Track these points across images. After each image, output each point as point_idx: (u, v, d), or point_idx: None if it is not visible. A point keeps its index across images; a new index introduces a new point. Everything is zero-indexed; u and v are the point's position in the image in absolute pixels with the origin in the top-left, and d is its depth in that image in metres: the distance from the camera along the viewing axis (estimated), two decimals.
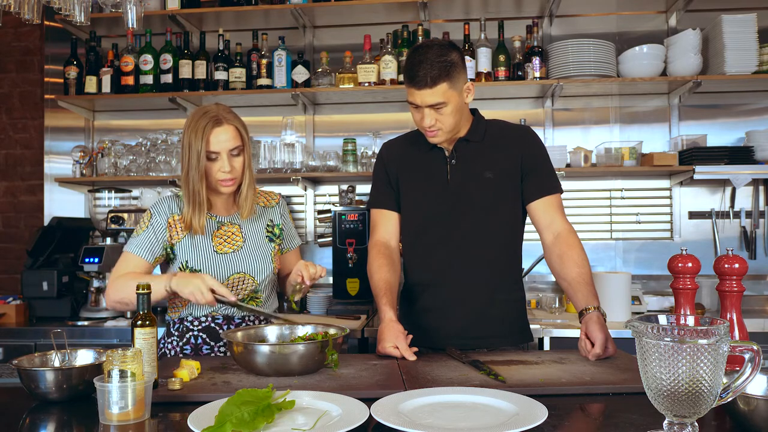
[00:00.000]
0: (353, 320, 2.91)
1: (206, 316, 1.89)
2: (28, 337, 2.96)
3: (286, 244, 2.03)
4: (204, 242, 1.88)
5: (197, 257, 1.86)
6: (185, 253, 1.87)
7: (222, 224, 1.92)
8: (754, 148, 3.12)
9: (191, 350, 1.88)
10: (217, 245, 1.89)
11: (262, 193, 2.04)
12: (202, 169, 1.78)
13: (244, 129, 1.85)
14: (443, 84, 1.72)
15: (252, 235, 1.94)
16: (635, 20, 3.45)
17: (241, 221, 1.94)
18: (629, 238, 3.44)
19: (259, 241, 1.94)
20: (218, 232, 1.91)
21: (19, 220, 3.81)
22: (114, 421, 1.16)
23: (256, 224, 1.96)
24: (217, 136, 1.78)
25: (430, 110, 1.76)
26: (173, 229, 1.88)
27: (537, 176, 1.87)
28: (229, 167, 1.79)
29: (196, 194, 1.81)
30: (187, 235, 1.88)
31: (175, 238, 1.88)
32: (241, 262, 1.89)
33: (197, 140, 1.76)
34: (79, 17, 2.17)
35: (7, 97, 3.81)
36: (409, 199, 1.92)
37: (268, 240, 1.96)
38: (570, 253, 1.79)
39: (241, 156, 1.83)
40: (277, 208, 2.02)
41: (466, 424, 1.10)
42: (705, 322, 1.01)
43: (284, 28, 3.53)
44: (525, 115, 3.47)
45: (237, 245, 1.90)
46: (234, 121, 1.82)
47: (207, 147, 1.77)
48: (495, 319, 1.87)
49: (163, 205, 1.91)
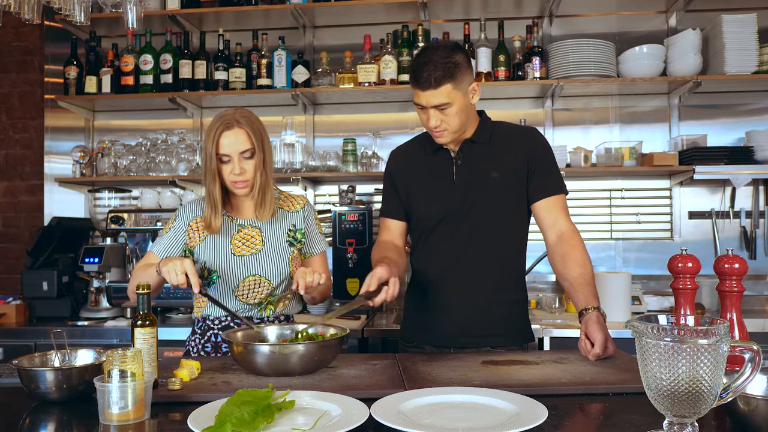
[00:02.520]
0: (353, 320, 2.91)
1: (227, 315, 1.92)
2: (28, 337, 2.96)
3: (308, 249, 2.02)
4: (223, 244, 1.91)
5: (215, 258, 1.90)
6: (204, 254, 1.91)
7: (243, 227, 1.95)
8: (754, 148, 3.12)
9: (212, 348, 1.91)
10: (235, 247, 1.91)
11: (288, 197, 2.05)
12: (214, 170, 1.84)
13: (257, 133, 1.87)
14: (447, 85, 1.74)
15: (272, 238, 1.95)
16: (635, 20, 3.45)
17: (262, 224, 1.95)
18: (629, 238, 3.44)
19: (278, 245, 1.95)
20: (238, 234, 1.93)
21: (19, 220, 3.81)
22: (114, 421, 1.16)
23: (277, 228, 1.97)
24: (227, 139, 1.82)
25: (435, 111, 1.77)
26: (195, 232, 1.93)
27: (542, 176, 1.88)
28: (239, 170, 1.83)
29: (211, 195, 1.87)
30: (208, 237, 1.92)
31: (196, 241, 1.92)
32: (258, 265, 1.91)
33: (209, 143, 1.83)
34: (79, 17, 2.17)
35: (7, 97, 3.81)
36: (416, 201, 1.94)
37: (289, 244, 1.96)
38: (572, 254, 1.80)
39: (253, 159, 1.85)
40: (302, 212, 2.02)
41: (466, 424, 1.10)
42: (705, 322, 1.01)
43: (284, 28, 3.53)
44: (525, 115, 3.47)
45: (255, 248, 1.92)
46: (246, 125, 1.85)
47: (217, 150, 1.83)
48: (498, 319, 1.88)
49: (188, 208, 1.97)
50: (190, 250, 1.93)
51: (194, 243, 1.93)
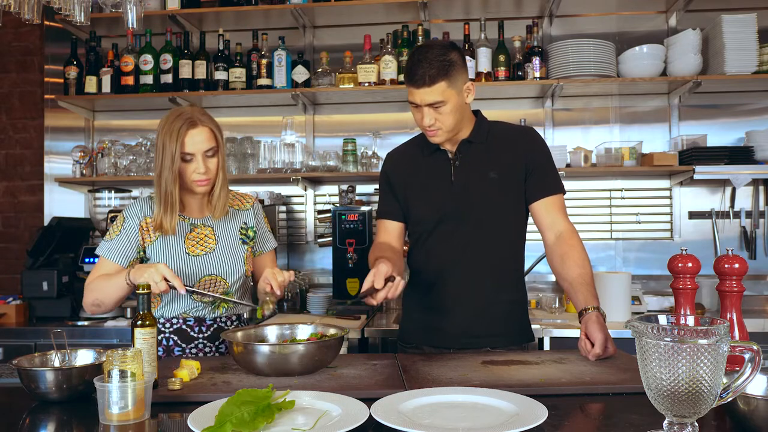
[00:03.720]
0: (353, 320, 2.91)
1: (177, 317, 1.90)
2: (28, 337, 2.96)
3: (259, 247, 2.01)
4: (176, 244, 1.88)
5: (169, 259, 1.87)
6: (157, 255, 1.87)
7: (195, 226, 1.92)
8: (754, 148, 3.12)
9: (163, 352, 1.88)
10: (189, 247, 1.89)
11: (237, 196, 2.03)
12: (176, 170, 1.79)
13: (219, 130, 1.85)
14: (441, 83, 1.74)
15: (225, 237, 1.94)
16: (635, 20, 3.45)
17: (215, 223, 1.94)
18: (629, 238, 3.44)
19: (231, 244, 1.93)
20: (191, 234, 1.91)
21: (19, 220, 3.80)
22: (114, 421, 1.16)
23: (229, 226, 1.95)
24: (192, 137, 1.79)
25: (429, 109, 1.77)
26: (146, 232, 1.88)
27: (540, 176, 1.88)
28: (204, 168, 1.81)
29: (169, 195, 1.81)
30: (160, 237, 1.88)
31: (147, 241, 1.88)
32: (213, 264, 1.89)
33: (172, 142, 1.77)
34: (79, 17, 2.17)
35: (7, 97, 3.81)
36: (414, 202, 1.93)
37: (242, 242, 1.96)
38: (571, 254, 1.80)
39: (215, 157, 1.84)
40: (252, 210, 2.01)
41: (466, 424, 1.10)
42: (705, 322, 1.01)
43: (284, 28, 3.53)
44: (525, 115, 3.47)
45: (209, 247, 1.90)
46: (208, 122, 1.83)
47: (182, 148, 1.78)
48: (498, 319, 1.88)
49: (135, 208, 1.91)
50: (144, 251, 1.89)
51: (146, 243, 1.88)
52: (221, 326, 1.92)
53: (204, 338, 1.90)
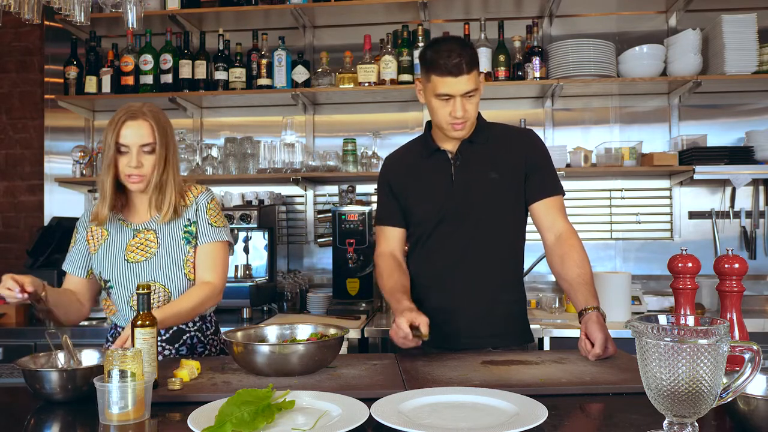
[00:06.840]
0: (353, 320, 2.91)
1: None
2: (28, 337, 2.96)
3: (199, 240, 1.87)
4: (117, 251, 1.84)
5: (109, 267, 1.83)
6: (99, 264, 1.85)
7: (138, 231, 1.86)
8: (754, 148, 3.12)
9: None
10: (129, 254, 1.83)
11: (188, 192, 1.91)
12: (109, 159, 1.76)
13: (163, 129, 1.80)
14: (475, 70, 1.77)
15: (167, 239, 1.85)
16: (635, 20, 3.45)
17: (158, 226, 1.85)
18: (629, 238, 3.44)
19: (173, 246, 1.84)
20: (133, 240, 1.85)
21: (19, 220, 3.80)
22: (114, 421, 1.16)
23: (173, 227, 1.86)
24: (129, 129, 1.76)
25: (462, 99, 1.76)
26: (92, 240, 1.87)
27: (540, 177, 1.88)
28: (136, 162, 1.76)
29: (102, 184, 1.79)
30: (103, 244, 1.85)
31: (92, 250, 1.86)
32: (151, 271, 1.82)
33: (110, 131, 1.76)
34: (79, 17, 2.17)
35: (7, 97, 3.81)
36: (415, 203, 1.93)
37: (185, 242, 1.86)
38: (571, 254, 1.80)
39: (153, 155, 1.78)
40: (194, 203, 1.89)
41: (466, 424, 1.10)
42: (705, 322, 1.01)
43: (284, 28, 3.53)
44: (525, 115, 3.47)
45: (150, 252, 1.83)
46: (151, 118, 1.78)
47: (117, 138, 1.75)
48: (498, 319, 1.88)
49: (84, 218, 1.91)
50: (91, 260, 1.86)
51: (92, 252, 1.85)
52: (181, 328, 1.86)
53: (162, 341, 1.84)
